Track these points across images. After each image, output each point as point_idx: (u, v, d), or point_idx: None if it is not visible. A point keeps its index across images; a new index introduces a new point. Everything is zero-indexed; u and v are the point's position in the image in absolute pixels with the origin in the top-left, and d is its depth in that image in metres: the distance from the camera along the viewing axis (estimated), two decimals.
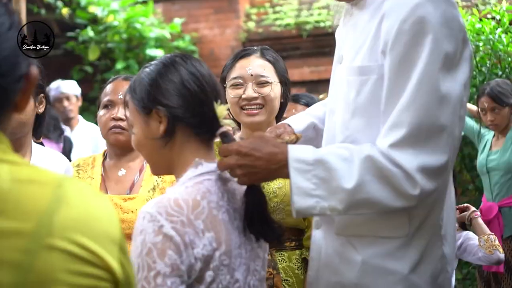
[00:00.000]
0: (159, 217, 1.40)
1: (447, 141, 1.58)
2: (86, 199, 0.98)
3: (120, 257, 0.99)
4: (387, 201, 1.56)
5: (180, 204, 1.43)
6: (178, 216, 1.41)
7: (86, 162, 2.53)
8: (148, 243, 1.38)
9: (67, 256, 0.91)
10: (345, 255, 1.71)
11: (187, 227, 1.41)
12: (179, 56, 1.61)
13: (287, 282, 2.30)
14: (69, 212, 0.94)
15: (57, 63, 8.19)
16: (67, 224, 0.92)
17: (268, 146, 1.57)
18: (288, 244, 2.34)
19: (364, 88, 1.66)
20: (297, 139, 1.75)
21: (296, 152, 1.58)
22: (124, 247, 1.02)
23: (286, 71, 2.47)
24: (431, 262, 1.70)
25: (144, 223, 1.41)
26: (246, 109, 2.32)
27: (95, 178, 2.46)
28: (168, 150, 1.55)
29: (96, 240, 0.95)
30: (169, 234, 1.38)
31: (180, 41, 7.97)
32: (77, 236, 0.93)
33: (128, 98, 1.60)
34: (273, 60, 2.41)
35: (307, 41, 7.80)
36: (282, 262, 2.31)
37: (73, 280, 0.91)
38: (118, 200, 2.36)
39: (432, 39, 1.55)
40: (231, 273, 1.49)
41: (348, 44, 1.75)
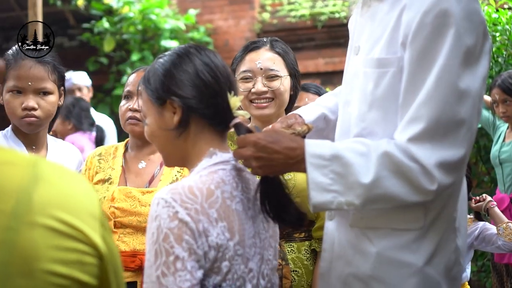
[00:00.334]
0: (173, 203, 1.41)
1: (465, 136, 1.57)
2: (63, 177, 0.99)
3: (102, 232, 0.99)
4: (404, 196, 1.56)
5: (194, 192, 1.44)
6: (192, 204, 1.42)
7: (107, 152, 2.54)
8: (164, 228, 1.39)
9: (49, 232, 0.91)
10: (360, 246, 1.71)
11: (201, 215, 1.42)
12: (193, 47, 1.61)
13: (296, 273, 2.31)
14: (48, 189, 0.94)
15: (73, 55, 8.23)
16: (46, 201, 0.93)
17: (286, 140, 1.57)
18: (297, 235, 2.35)
19: (382, 81, 1.65)
20: (309, 129, 1.74)
21: (313, 147, 1.58)
22: (105, 223, 1.02)
23: (296, 62, 2.46)
24: (445, 254, 1.69)
25: (159, 209, 1.41)
26: (255, 102, 2.34)
27: (115, 169, 2.47)
28: (182, 141, 1.56)
29: (77, 216, 0.95)
30: (184, 220, 1.39)
31: (195, 32, 7.97)
32: (58, 212, 0.93)
33: (141, 88, 1.61)
34: (283, 53, 2.41)
35: (322, 32, 7.76)
36: (291, 253, 2.32)
37: (58, 255, 0.92)
38: (136, 192, 2.37)
39: (454, 32, 1.54)
40: (245, 263, 1.50)
41: (365, 35, 1.74)
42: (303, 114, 1.97)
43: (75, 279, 0.94)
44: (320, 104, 2.09)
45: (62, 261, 0.92)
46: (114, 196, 2.37)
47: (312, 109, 2.04)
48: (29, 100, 2.30)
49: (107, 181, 2.44)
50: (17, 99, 2.30)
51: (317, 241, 2.34)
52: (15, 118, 2.32)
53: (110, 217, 2.34)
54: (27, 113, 2.30)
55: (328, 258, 1.81)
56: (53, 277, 0.91)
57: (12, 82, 2.29)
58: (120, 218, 2.34)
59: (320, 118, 2.02)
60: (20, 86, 2.29)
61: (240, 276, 1.48)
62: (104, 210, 2.35)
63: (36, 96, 2.32)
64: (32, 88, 2.31)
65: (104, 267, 0.99)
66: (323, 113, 2.04)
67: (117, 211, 2.34)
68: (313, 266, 2.34)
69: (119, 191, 2.38)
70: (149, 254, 1.40)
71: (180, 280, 1.35)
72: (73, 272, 0.93)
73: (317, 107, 2.06)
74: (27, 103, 2.29)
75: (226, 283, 1.45)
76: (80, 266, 0.94)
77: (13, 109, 2.30)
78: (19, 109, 2.30)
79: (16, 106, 2.30)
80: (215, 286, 1.44)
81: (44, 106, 2.34)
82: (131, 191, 2.37)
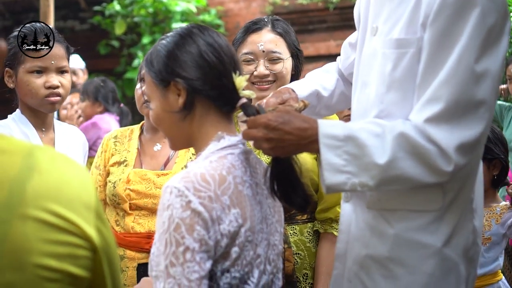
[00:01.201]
0: (186, 192, 1.38)
1: (483, 116, 1.55)
2: (58, 167, 0.97)
3: (97, 224, 0.99)
4: (420, 178, 1.55)
5: (207, 179, 1.42)
6: (205, 192, 1.40)
7: (123, 134, 2.56)
8: (176, 218, 1.36)
9: (41, 225, 0.91)
10: (377, 228, 1.70)
11: (214, 202, 1.40)
12: (196, 27, 1.58)
13: (298, 256, 2.31)
14: (41, 180, 0.93)
15: (84, 38, 8.24)
16: (39, 193, 0.92)
17: (298, 120, 1.55)
18: (299, 218, 2.34)
19: (401, 62, 1.63)
20: (305, 106, 1.71)
21: (326, 128, 1.57)
22: (101, 213, 1.01)
23: (298, 42, 2.44)
24: (463, 235, 1.68)
25: (172, 198, 1.39)
26: (257, 84, 2.33)
27: (131, 151, 2.48)
28: (188, 123, 1.54)
29: (70, 208, 0.94)
30: (197, 210, 1.37)
31: (206, 15, 7.94)
32: (51, 204, 0.92)
33: (145, 71, 1.58)
34: (284, 33, 2.39)
35: (333, 14, 7.70)
36: (293, 236, 2.32)
37: (49, 249, 0.91)
38: (151, 175, 2.39)
39: (478, 12, 1.52)
40: (254, 249, 1.49)
41: (383, 16, 1.71)
42: (296, 89, 1.94)
43: (67, 273, 0.93)
44: (313, 80, 2.07)
45: (54, 255, 0.91)
46: (129, 178, 2.39)
47: (305, 85, 2.02)
48: (53, 79, 2.32)
49: (122, 163, 2.46)
50: (39, 78, 2.31)
51: (320, 223, 2.34)
52: (37, 98, 2.32)
53: (126, 199, 2.37)
54: (51, 92, 2.32)
55: (344, 240, 1.80)
56: (44, 271, 0.90)
57: (34, 62, 2.30)
58: (135, 200, 2.37)
59: (313, 94, 2.00)
60: (43, 66, 2.31)
61: (248, 262, 1.47)
62: (120, 192, 2.37)
63: (58, 74, 2.34)
64: (55, 67, 2.34)
65: (98, 259, 0.99)
66: (316, 89, 2.02)
67: (132, 193, 2.37)
68: (315, 248, 2.34)
69: (134, 174, 2.40)
70: (158, 243, 1.38)
71: (189, 271, 1.34)
72: (65, 266, 0.93)
73: (310, 83, 2.04)
74: (52, 82, 2.31)
75: (234, 268, 1.44)
76: (72, 259, 0.94)
77: (36, 89, 2.31)
78: (42, 89, 2.31)
79: (39, 85, 2.31)
80: (223, 271, 1.43)
81: (65, 84, 2.38)
82: (146, 173, 2.39)
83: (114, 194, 2.39)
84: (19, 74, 2.31)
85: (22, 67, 2.30)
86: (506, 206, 3.09)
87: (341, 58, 2.16)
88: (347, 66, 2.10)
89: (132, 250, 2.35)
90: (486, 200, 3.00)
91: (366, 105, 1.73)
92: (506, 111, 4.54)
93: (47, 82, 2.31)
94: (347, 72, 2.10)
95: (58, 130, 2.46)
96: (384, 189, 1.62)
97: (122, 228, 2.39)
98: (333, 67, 2.17)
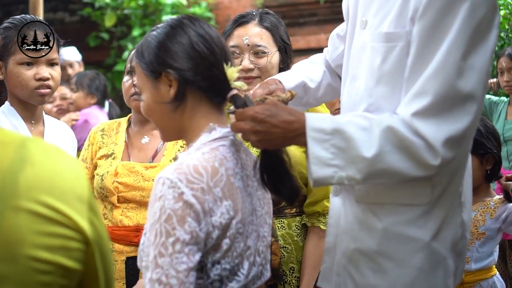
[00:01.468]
0: (179, 184, 1.38)
1: (470, 109, 1.56)
2: (51, 159, 0.97)
3: (90, 216, 0.98)
4: (407, 171, 1.55)
5: (199, 171, 1.42)
6: (198, 183, 1.40)
7: (110, 127, 2.54)
8: (167, 209, 1.36)
9: (34, 217, 0.90)
10: (366, 222, 1.70)
11: (207, 194, 1.41)
12: (187, 18, 1.58)
13: (285, 249, 2.31)
14: (34, 171, 0.92)
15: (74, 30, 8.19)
16: (32, 184, 0.91)
17: (284, 113, 1.55)
18: (288, 211, 2.34)
19: (390, 55, 1.63)
20: (292, 96, 1.71)
21: (313, 121, 1.57)
22: (94, 206, 1.00)
23: (287, 36, 2.42)
24: (451, 229, 1.69)
25: (164, 189, 1.39)
26: (241, 78, 2.30)
27: (118, 144, 2.47)
28: (179, 114, 1.54)
29: (63, 200, 0.94)
30: (189, 202, 1.37)
31: (196, 8, 7.91)
32: (43, 196, 0.91)
33: (135, 63, 1.58)
34: (271, 27, 2.37)
35: (324, 7, 7.70)
36: (281, 229, 2.31)
37: (42, 241, 0.91)
38: (140, 167, 2.38)
39: (467, 6, 1.52)
40: (245, 240, 1.50)
41: (373, 9, 1.71)
42: (283, 80, 1.94)
43: (59, 265, 0.93)
44: (299, 71, 2.07)
45: (46, 247, 0.91)
46: (117, 171, 2.38)
47: (292, 76, 2.01)
48: (43, 71, 2.31)
49: (110, 156, 2.45)
50: (29, 70, 2.30)
51: (308, 216, 2.34)
52: (27, 90, 2.31)
53: (114, 192, 2.36)
54: (41, 84, 2.31)
55: (333, 233, 1.80)
56: (36, 263, 0.90)
57: (23, 54, 2.28)
58: (123, 193, 2.36)
59: (299, 85, 2.00)
60: (34, 57, 2.30)
61: (239, 254, 1.48)
62: (107, 185, 2.36)
63: (48, 67, 2.34)
64: (45, 59, 2.33)
65: (91, 252, 0.98)
66: (303, 81, 2.02)
67: (121, 186, 2.36)
68: (303, 242, 2.34)
69: (122, 166, 2.39)
70: (149, 233, 1.38)
71: (177, 262, 1.34)
72: (57, 258, 0.92)
73: (297, 74, 2.04)
74: (43, 74, 2.31)
75: (225, 260, 1.45)
76: (65, 251, 0.93)
77: (26, 81, 2.30)
78: (32, 81, 2.30)
79: (29, 77, 2.30)
80: (214, 263, 1.44)
81: (55, 76, 2.37)
82: (134, 166, 2.39)
83: (102, 187, 2.38)
84: (9, 66, 2.29)
85: (12, 58, 2.29)
86: (500, 200, 3.07)
87: (328, 50, 2.16)
88: (335, 57, 2.10)
89: (121, 244, 2.34)
90: (480, 194, 3.02)
91: (355, 98, 1.73)
92: (495, 106, 4.56)
93: (37, 74, 2.29)
94: (335, 64, 2.10)
95: (47, 124, 2.45)
96: (371, 183, 1.62)
97: (110, 222, 2.37)
98: (320, 59, 2.17)
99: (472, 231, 2.91)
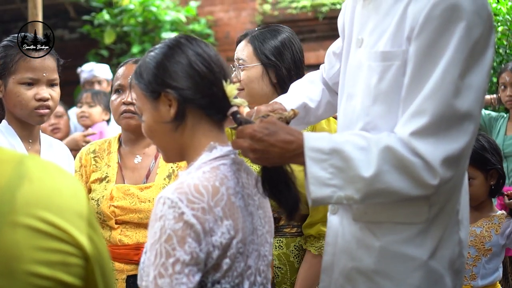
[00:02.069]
0: (180, 204, 1.38)
1: (467, 128, 1.56)
2: (49, 175, 0.97)
3: (89, 232, 0.98)
4: (405, 191, 1.55)
5: (200, 191, 1.42)
6: (199, 203, 1.40)
7: (101, 148, 2.52)
8: (167, 229, 1.36)
9: (32, 232, 0.90)
10: (363, 241, 1.70)
11: (207, 214, 1.40)
12: (184, 37, 1.59)
13: (279, 270, 2.28)
14: (32, 188, 0.92)
15: (73, 47, 8.21)
16: (30, 200, 0.91)
17: (283, 132, 1.55)
18: (288, 231, 2.31)
19: (386, 75, 1.63)
20: (295, 114, 1.72)
21: (312, 141, 1.57)
22: (93, 222, 1.00)
23: (276, 52, 2.37)
24: (449, 247, 1.69)
25: (164, 209, 1.38)
26: None
27: (111, 166, 2.45)
28: (180, 134, 1.54)
29: (62, 215, 0.93)
30: (190, 222, 1.37)
31: (195, 25, 7.95)
32: (41, 212, 0.91)
33: (134, 84, 1.58)
34: (256, 41, 2.38)
35: (323, 23, 7.74)
36: (278, 249, 2.29)
37: (41, 256, 0.90)
38: (135, 189, 2.36)
39: (464, 26, 1.52)
40: (245, 260, 1.49)
41: (369, 28, 1.71)
42: (283, 102, 1.96)
43: (59, 280, 0.92)
44: (299, 92, 2.08)
45: (45, 262, 0.91)
46: (112, 194, 2.35)
47: (292, 97, 2.03)
48: (44, 91, 2.30)
49: (104, 179, 2.43)
50: (30, 90, 2.29)
51: (304, 238, 2.30)
52: (26, 110, 2.30)
53: (111, 216, 2.33)
54: (41, 104, 2.30)
55: (331, 252, 1.80)
56: (35, 279, 0.90)
57: (25, 74, 2.27)
58: (120, 217, 2.34)
59: (301, 106, 2.01)
60: (35, 77, 2.29)
61: (239, 274, 1.47)
62: (104, 209, 2.34)
63: (48, 87, 2.33)
64: (46, 79, 2.31)
65: (90, 268, 0.98)
66: (303, 102, 2.03)
67: (117, 210, 2.34)
68: (299, 264, 2.30)
69: (117, 189, 2.37)
70: (149, 253, 1.38)
71: (177, 283, 1.34)
72: (57, 273, 0.92)
73: (297, 95, 2.05)
74: (43, 94, 2.29)
75: (225, 279, 1.45)
76: (64, 267, 0.93)
77: (26, 101, 2.28)
78: (33, 101, 2.29)
79: (29, 97, 2.28)
80: (214, 283, 1.43)
81: (55, 97, 2.35)
82: (129, 188, 2.37)
83: (99, 212, 2.35)
84: (9, 85, 2.29)
85: (12, 77, 2.28)
86: (503, 215, 3.06)
87: (325, 67, 2.17)
88: (332, 76, 2.11)
89: (121, 262, 2.32)
90: (484, 210, 3.02)
91: (352, 117, 1.74)
92: (494, 121, 4.55)
93: (37, 94, 2.28)
94: (332, 82, 2.11)
95: (44, 142, 2.45)
96: (369, 202, 1.62)
97: (109, 242, 2.35)
98: (317, 77, 2.17)
99: (478, 247, 2.91)
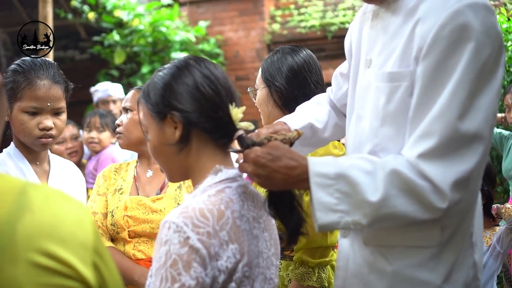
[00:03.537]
0: (185, 228, 1.36)
1: (476, 151, 1.52)
2: (52, 204, 0.94)
3: (95, 260, 0.96)
4: (413, 215, 1.52)
5: (205, 215, 1.40)
6: (204, 227, 1.38)
7: (121, 167, 2.70)
8: (173, 254, 1.34)
9: (33, 268, 0.88)
10: (375, 265, 1.67)
11: (213, 238, 1.39)
12: (193, 58, 1.57)
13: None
14: (33, 219, 0.90)
15: (83, 68, 8.27)
16: (31, 232, 0.89)
17: (286, 158, 1.53)
18: (288, 253, 2.31)
19: (394, 96, 1.61)
20: (299, 135, 1.70)
21: (316, 166, 1.54)
22: (100, 249, 0.97)
23: (277, 73, 2.37)
24: (463, 270, 1.65)
25: (170, 233, 1.37)
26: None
27: (126, 180, 2.62)
28: (184, 156, 1.52)
29: (64, 246, 0.91)
30: (195, 246, 1.35)
31: (205, 44, 7.98)
32: (43, 243, 0.89)
33: (141, 103, 1.57)
34: (265, 64, 2.42)
35: (332, 42, 7.75)
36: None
37: None
38: (147, 200, 2.52)
39: (473, 47, 1.50)
40: (251, 284, 1.47)
41: (377, 48, 1.70)
42: (289, 122, 1.95)
43: None
44: (306, 112, 2.07)
45: None
46: (126, 205, 2.52)
47: (298, 118, 2.01)
48: (47, 121, 2.29)
49: (118, 191, 2.58)
50: (34, 119, 2.28)
51: (295, 264, 2.27)
52: (29, 138, 2.30)
53: (124, 227, 2.48)
54: (44, 133, 2.29)
55: (342, 277, 1.77)
56: None
57: (29, 103, 2.26)
58: (133, 227, 2.48)
59: (306, 127, 1.99)
60: (39, 107, 2.28)
61: None
62: (118, 219, 2.48)
63: (52, 116, 2.32)
64: (50, 109, 2.30)
65: None
66: (309, 122, 2.02)
67: (130, 220, 2.48)
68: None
69: (131, 200, 2.53)
70: (154, 277, 1.36)
71: None
72: None
73: (303, 116, 2.03)
74: (46, 124, 2.29)
75: None
76: None
77: (29, 130, 2.28)
78: (36, 130, 2.28)
79: (32, 126, 2.28)
80: None
81: (59, 125, 2.35)
82: (141, 199, 2.53)
83: (113, 223, 2.50)
84: (14, 111, 2.28)
85: (17, 104, 2.27)
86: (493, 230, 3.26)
87: (332, 89, 2.15)
88: (339, 97, 2.09)
89: None
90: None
91: (361, 138, 1.72)
92: (506, 140, 4.53)
93: (40, 124, 2.28)
94: (340, 103, 2.09)
95: (53, 163, 2.45)
96: (377, 226, 1.59)
97: None
98: (324, 99, 2.16)
99: None
